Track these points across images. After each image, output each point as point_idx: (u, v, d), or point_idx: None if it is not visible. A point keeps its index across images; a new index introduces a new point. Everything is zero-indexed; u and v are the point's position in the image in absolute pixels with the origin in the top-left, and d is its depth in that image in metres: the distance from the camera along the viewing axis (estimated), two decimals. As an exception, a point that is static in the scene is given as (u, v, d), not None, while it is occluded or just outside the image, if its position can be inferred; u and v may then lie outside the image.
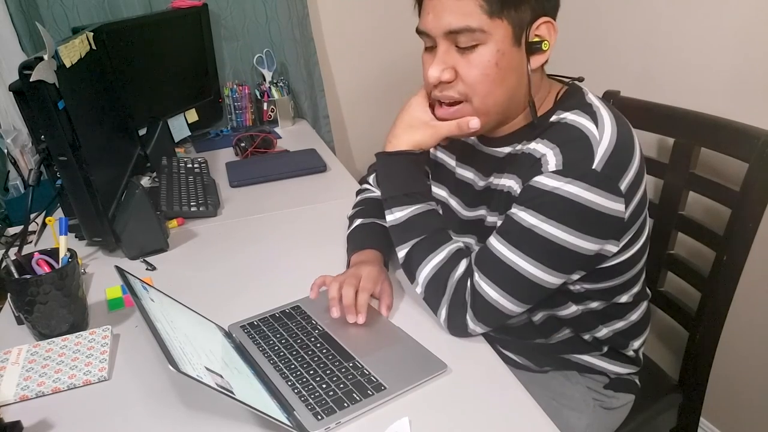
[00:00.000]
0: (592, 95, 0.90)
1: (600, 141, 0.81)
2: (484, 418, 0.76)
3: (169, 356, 0.69)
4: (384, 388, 0.80)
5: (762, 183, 1.00)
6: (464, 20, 0.80)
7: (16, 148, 1.56)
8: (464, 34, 0.81)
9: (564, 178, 0.80)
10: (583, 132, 0.82)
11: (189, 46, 1.92)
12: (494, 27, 0.81)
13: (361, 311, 0.93)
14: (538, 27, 0.83)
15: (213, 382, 0.71)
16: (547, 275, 0.84)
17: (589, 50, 1.68)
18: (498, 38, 0.81)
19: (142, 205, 1.20)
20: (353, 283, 0.95)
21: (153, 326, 0.76)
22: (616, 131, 0.82)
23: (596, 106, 0.86)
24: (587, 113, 0.85)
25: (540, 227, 0.82)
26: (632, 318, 1.00)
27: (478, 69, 0.83)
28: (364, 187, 1.26)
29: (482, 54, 0.82)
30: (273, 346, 0.91)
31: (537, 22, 0.83)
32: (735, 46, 1.27)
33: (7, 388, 0.86)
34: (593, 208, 0.80)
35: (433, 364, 0.84)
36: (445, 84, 0.86)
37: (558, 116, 0.87)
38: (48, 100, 1.03)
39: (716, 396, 1.45)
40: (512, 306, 0.86)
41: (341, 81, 2.26)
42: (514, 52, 0.83)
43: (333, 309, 0.93)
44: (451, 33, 0.82)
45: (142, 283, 0.91)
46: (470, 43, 0.82)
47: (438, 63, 0.84)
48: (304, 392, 0.80)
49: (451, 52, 0.84)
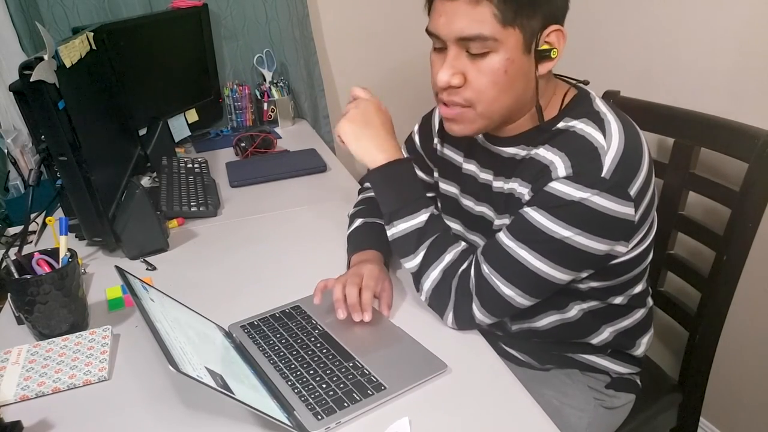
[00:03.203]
0: (599, 101, 0.90)
1: (607, 150, 0.81)
2: (484, 418, 0.76)
3: (169, 356, 0.69)
4: (384, 387, 0.80)
5: (762, 183, 1.00)
6: (478, 28, 0.80)
7: (16, 148, 1.56)
8: (476, 42, 0.81)
9: (574, 184, 0.81)
10: (591, 142, 0.83)
11: (189, 46, 1.92)
12: (506, 35, 0.80)
13: (367, 309, 0.93)
14: (549, 35, 0.83)
15: (213, 382, 0.72)
16: (556, 272, 0.85)
17: (589, 50, 1.68)
18: (509, 46, 0.81)
19: (142, 205, 1.20)
20: (356, 282, 0.95)
21: (153, 326, 0.76)
22: (623, 138, 0.82)
23: (604, 113, 0.86)
24: (595, 122, 0.85)
25: (549, 227, 0.82)
26: (637, 315, 1.01)
27: (487, 76, 0.83)
28: (367, 186, 1.27)
29: (492, 61, 0.82)
30: (273, 346, 0.91)
31: (548, 29, 0.82)
32: (735, 46, 1.27)
33: (7, 388, 0.86)
34: (604, 212, 0.81)
35: (434, 363, 0.84)
36: (452, 89, 0.86)
37: (566, 123, 0.87)
38: (48, 100, 1.03)
39: (716, 396, 1.45)
40: (520, 299, 0.87)
41: (341, 81, 2.26)
42: (524, 59, 0.83)
43: (339, 310, 0.93)
44: (463, 39, 0.82)
45: (142, 283, 0.91)
46: (481, 50, 0.81)
47: (447, 68, 0.84)
48: (304, 392, 0.80)
49: (461, 57, 0.84)
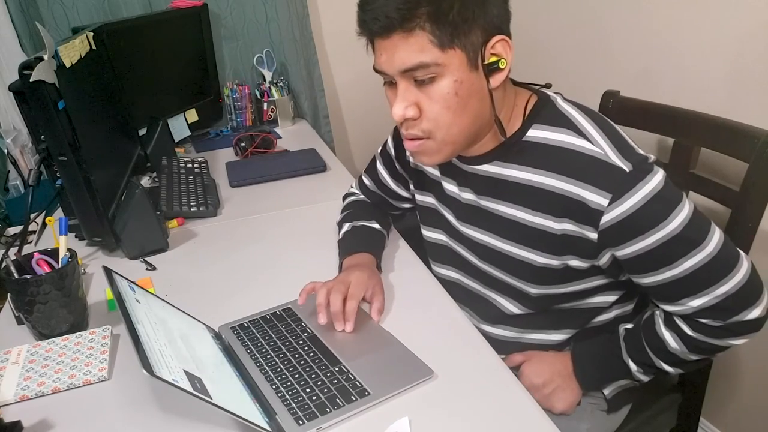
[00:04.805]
0: (562, 101, 0.89)
1: (604, 150, 0.81)
2: (484, 418, 0.76)
3: (144, 359, 0.69)
4: (368, 393, 0.79)
5: (762, 183, 1.00)
6: (417, 57, 0.79)
7: (16, 148, 1.56)
8: (420, 70, 0.80)
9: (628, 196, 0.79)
10: (589, 155, 0.82)
11: (189, 46, 1.92)
12: (448, 58, 0.79)
13: (349, 319, 0.92)
14: (494, 46, 0.81)
15: (190, 385, 0.71)
16: None
17: (589, 50, 1.68)
18: (453, 68, 0.80)
19: (142, 205, 1.20)
20: (341, 290, 0.94)
21: (133, 328, 0.75)
22: (602, 131, 0.83)
23: (572, 115, 0.86)
24: (569, 128, 0.85)
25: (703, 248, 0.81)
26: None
27: (438, 103, 0.82)
28: (351, 192, 1.27)
29: (441, 86, 0.81)
30: (260, 348, 0.90)
31: (491, 41, 0.81)
32: (735, 45, 1.27)
33: (7, 388, 0.86)
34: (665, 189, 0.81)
35: (420, 370, 0.84)
36: (410, 121, 0.85)
37: (537, 133, 0.87)
38: (48, 100, 1.03)
39: (716, 396, 1.45)
40: None
41: (341, 81, 2.26)
42: (473, 77, 0.81)
43: (320, 315, 0.93)
44: (407, 71, 0.81)
45: (130, 283, 0.90)
46: (427, 76, 0.80)
47: (400, 101, 0.83)
48: (288, 396, 0.80)
49: (410, 88, 0.83)
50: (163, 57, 1.82)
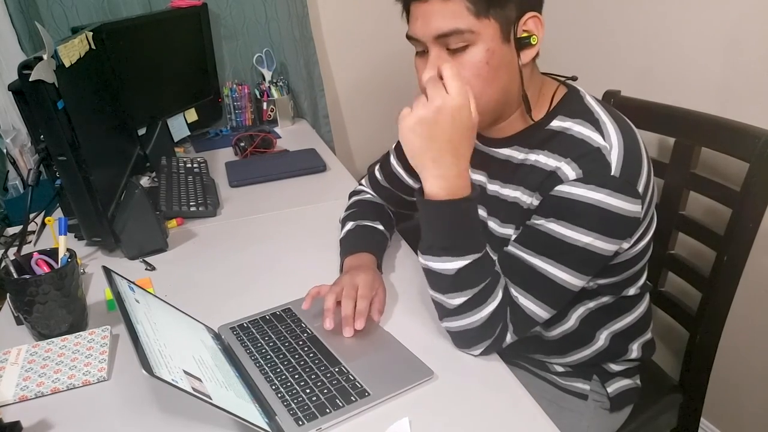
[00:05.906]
0: (590, 98, 0.90)
1: (611, 150, 0.81)
2: (484, 419, 0.76)
3: (144, 359, 0.69)
4: (368, 394, 0.79)
5: (762, 183, 1.00)
6: (453, 23, 0.81)
7: (16, 148, 1.56)
8: (454, 37, 0.82)
9: (587, 185, 0.81)
10: (592, 146, 0.82)
11: (189, 45, 1.92)
12: (482, 27, 0.81)
13: (360, 317, 0.92)
14: (525, 22, 0.84)
15: (189, 386, 0.71)
16: (577, 280, 0.85)
17: (589, 50, 1.68)
18: (487, 37, 0.82)
19: (142, 205, 1.20)
20: (352, 294, 0.94)
21: (132, 328, 0.75)
22: (621, 136, 0.83)
23: (597, 113, 0.86)
24: (590, 122, 0.85)
25: (570, 235, 0.82)
26: (639, 310, 1.01)
27: (470, 70, 0.83)
28: (359, 189, 1.26)
29: (473, 54, 0.83)
30: (260, 349, 0.90)
31: (524, 17, 0.83)
32: (735, 45, 1.26)
33: (6, 389, 0.85)
34: (616, 212, 0.81)
35: (420, 370, 0.83)
36: None
37: (560, 123, 0.87)
38: (47, 99, 1.02)
39: (717, 396, 1.45)
40: (544, 314, 0.86)
41: (341, 81, 2.26)
42: (504, 49, 0.84)
43: (327, 320, 0.92)
44: (441, 36, 0.83)
45: (130, 283, 0.90)
46: (460, 44, 0.82)
47: (431, 68, 0.84)
48: (288, 397, 0.80)
49: (442, 55, 0.84)
50: (163, 57, 1.82)
